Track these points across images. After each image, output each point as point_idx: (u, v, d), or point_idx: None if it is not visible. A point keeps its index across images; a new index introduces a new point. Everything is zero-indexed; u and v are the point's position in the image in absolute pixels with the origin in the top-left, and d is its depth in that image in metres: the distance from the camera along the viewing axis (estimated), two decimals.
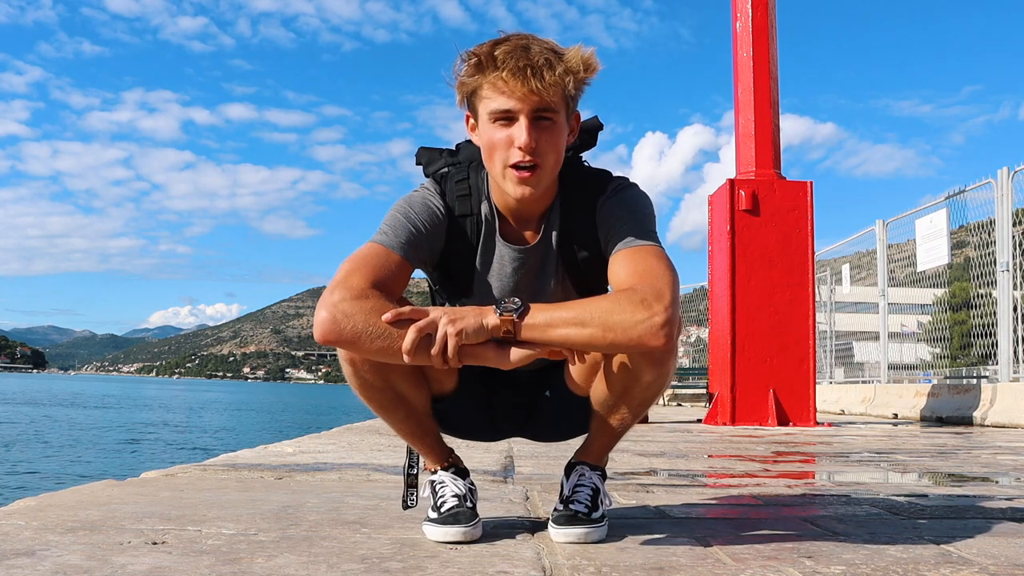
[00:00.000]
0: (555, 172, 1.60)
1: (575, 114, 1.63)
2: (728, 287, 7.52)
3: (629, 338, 1.42)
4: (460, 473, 1.76)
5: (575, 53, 1.52)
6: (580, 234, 1.66)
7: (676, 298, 1.47)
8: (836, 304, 14.03)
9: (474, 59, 1.52)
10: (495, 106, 1.52)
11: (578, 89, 1.56)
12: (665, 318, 1.42)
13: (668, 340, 1.43)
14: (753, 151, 7.75)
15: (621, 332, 1.42)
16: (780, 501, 2.39)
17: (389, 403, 1.66)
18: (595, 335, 1.42)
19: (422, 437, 1.76)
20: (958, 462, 3.88)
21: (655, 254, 1.55)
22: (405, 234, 1.59)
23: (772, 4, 7.94)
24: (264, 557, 1.45)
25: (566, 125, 1.58)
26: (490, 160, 1.57)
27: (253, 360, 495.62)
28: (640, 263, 1.53)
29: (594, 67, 1.55)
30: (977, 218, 9.41)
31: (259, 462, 3.22)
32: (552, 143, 1.54)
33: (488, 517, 1.88)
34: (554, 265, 1.68)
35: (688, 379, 15.51)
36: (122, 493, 2.25)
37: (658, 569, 1.40)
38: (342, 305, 1.43)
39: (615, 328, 1.42)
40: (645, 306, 1.43)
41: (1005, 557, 1.54)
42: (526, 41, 1.52)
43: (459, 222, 1.67)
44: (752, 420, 7.36)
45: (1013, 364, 8.44)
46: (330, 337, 1.43)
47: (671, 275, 1.50)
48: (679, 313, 1.48)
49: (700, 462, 3.68)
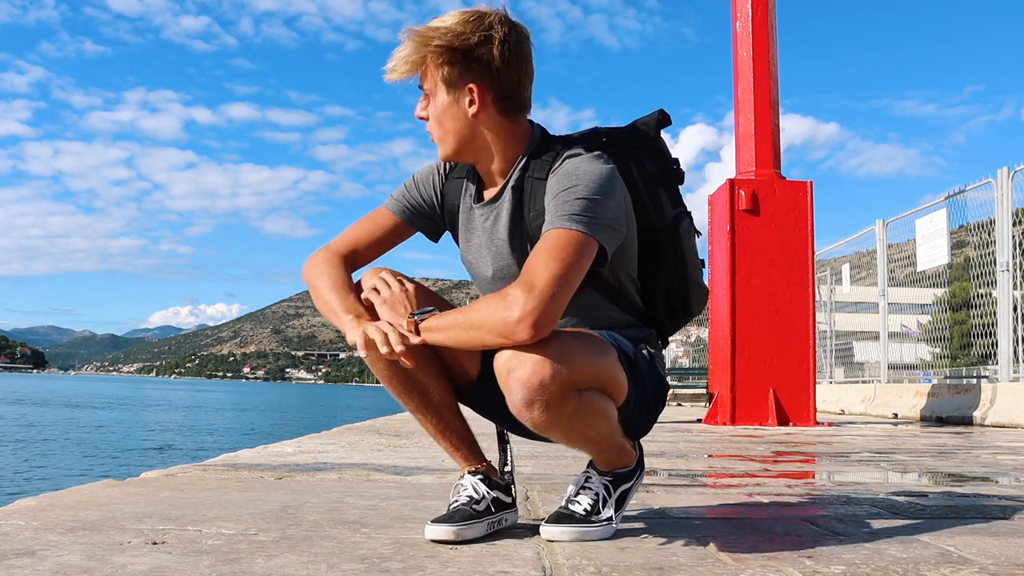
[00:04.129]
0: (457, 136, 1.66)
1: (472, 84, 1.61)
2: (728, 287, 7.52)
3: (493, 336, 1.43)
4: (489, 482, 1.74)
5: (434, 23, 1.61)
6: (531, 196, 1.66)
7: (552, 291, 1.41)
8: (836, 304, 14.03)
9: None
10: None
11: (444, 58, 1.60)
12: (523, 312, 1.39)
13: (533, 332, 1.39)
14: (753, 151, 7.75)
15: (487, 330, 1.44)
16: (780, 501, 2.38)
17: (402, 385, 1.69)
18: (470, 335, 1.47)
19: (445, 433, 1.76)
20: (958, 462, 3.88)
21: (556, 242, 1.48)
22: (402, 197, 1.81)
23: (772, 4, 7.94)
24: (264, 557, 1.45)
25: (448, 94, 1.63)
26: None
27: (253, 360, 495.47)
28: (534, 254, 1.49)
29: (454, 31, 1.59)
30: (977, 218, 9.42)
31: (259, 462, 3.22)
32: (432, 112, 1.66)
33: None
34: (507, 223, 1.68)
35: (688, 379, 15.50)
36: (122, 493, 2.25)
37: (658, 569, 1.40)
38: (313, 259, 1.74)
39: (482, 326, 1.44)
40: (508, 302, 1.42)
41: (1005, 557, 1.54)
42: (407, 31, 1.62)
43: (453, 183, 1.79)
44: (752, 420, 7.36)
45: (1013, 364, 8.44)
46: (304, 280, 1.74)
47: (558, 267, 1.44)
48: (553, 306, 1.41)
49: (700, 462, 3.68)
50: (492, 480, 1.75)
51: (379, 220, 1.79)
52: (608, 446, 1.66)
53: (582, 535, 1.63)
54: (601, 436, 1.61)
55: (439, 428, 1.76)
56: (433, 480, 2.72)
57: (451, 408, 1.75)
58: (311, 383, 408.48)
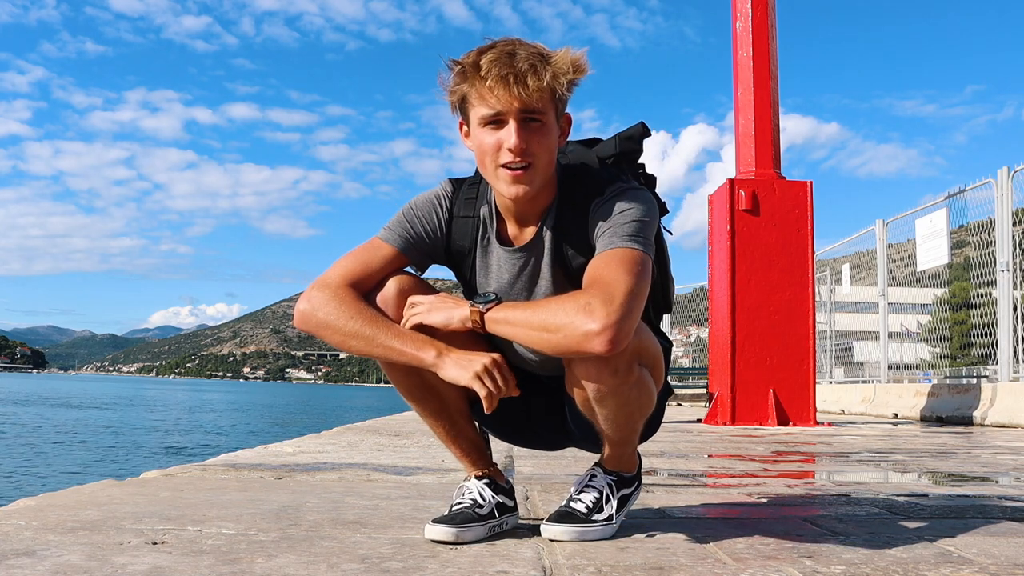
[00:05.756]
0: (548, 171, 1.60)
1: (565, 116, 1.62)
2: (728, 287, 7.52)
3: (569, 343, 1.43)
4: (495, 487, 1.75)
5: (563, 56, 1.53)
6: (574, 235, 1.64)
7: (630, 305, 1.43)
8: (836, 304, 14.03)
9: (459, 68, 1.54)
10: (484, 112, 1.53)
11: (567, 91, 1.56)
12: (604, 324, 1.40)
13: (611, 346, 1.41)
14: (753, 151, 7.75)
15: (563, 336, 1.43)
16: (780, 501, 2.39)
17: (416, 390, 1.69)
18: (541, 337, 1.45)
19: (456, 439, 1.76)
20: (958, 462, 3.88)
21: (624, 258, 1.51)
22: (401, 229, 1.69)
23: (772, 4, 7.94)
24: (264, 557, 1.45)
25: (556, 126, 1.58)
26: (483, 164, 1.60)
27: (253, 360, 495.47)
28: (604, 267, 1.50)
29: (583, 68, 1.55)
30: (977, 218, 9.42)
31: (259, 462, 3.22)
32: (543, 144, 1.55)
33: None
34: (549, 264, 1.67)
35: (688, 379, 15.50)
36: (122, 493, 2.25)
37: (658, 569, 1.40)
38: (315, 299, 1.60)
39: (557, 331, 1.43)
40: (588, 311, 1.41)
41: (1005, 557, 1.55)
42: (512, 47, 1.52)
43: (460, 223, 1.70)
44: (752, 420, 7.36)
45: (1013, 364, 8.44)
46: (299, 323, 1.62)
47: (632, 281, 1.46)
48: (631, 320, 1.43)
49: (700, 462, 3.68)
50: (498, 484, 1.76)
51: (376, 252, 1.67)
52: (632, 437, 1.71)
53: (582, 535, 1.64)
54: (642, 417, 1.66)
55: (451, 434, 1.76)
56: (433, 480, 2.72)
57: (464, 414, 1.76)
58: (311, 383, 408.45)
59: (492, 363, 1.50)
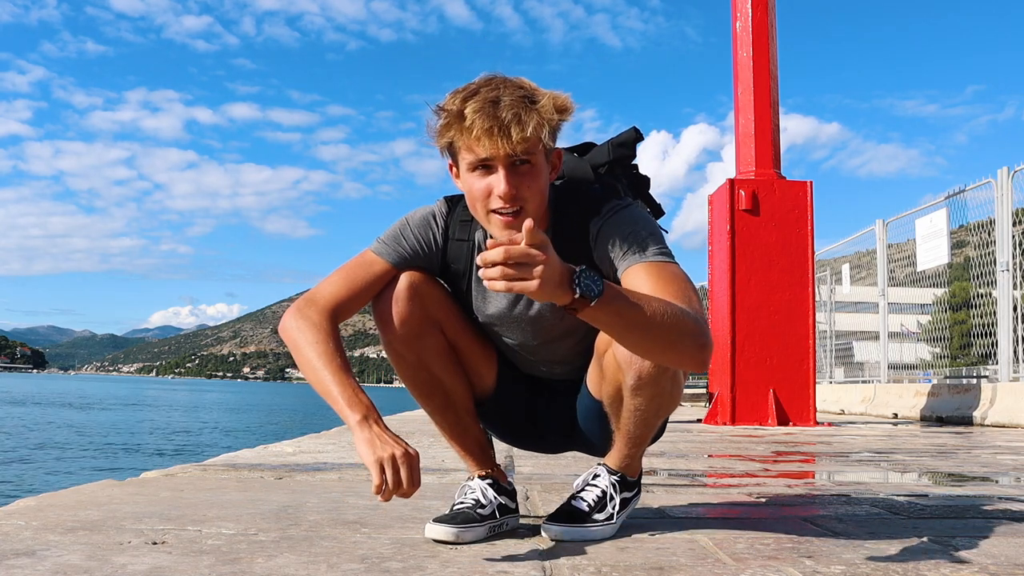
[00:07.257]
0: (540, 210, 1.58)
1: (555, 152, 1.61)
2: (728, 287, 7.52)
3: (674, 353, 1.42)
4: (497, 488, 1.75)
5: (547, 102, 1.50)
6: (572, 259, 1.64)
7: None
8: (836, 304, 14.03)
9: (445, 116, 1.52)
10: (471, 159, 1.52)
11: (551, 139, 1.55)
12: (711, 349, 1.43)
13: (704, 370, 1.47)
14: (753, 151, 7.75)
15: (677, 348, 1.39)
16: (780, 501, 2.38)
17: (425, 385, 1.69)
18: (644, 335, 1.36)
19: (461, 437, 1.77)
20: (958, 462, 3.88)
21: (685, 277, 1.54)
22: (396, 244, 1.68)
23: (772, 4, 7.93)
24: (264, 557, 1.45)
25: (545, 165, 1.57)
26: (473, 207, 1.58)
27: (253, 360, 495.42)
28: (675, 284, 1.50)
29: (568, 110, 1.54)
30: (977, 218, 9.41)
31: (259, 462, 3.22)
32: (533, 187, 1.53)
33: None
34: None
35: (688, 379, 15.51)
36: (122, 493, 2.25)
37: (658, 569, 1.40)
38: (296, 317, 1.59)
39: (667, 336, 1.36)
40: (702, 329, 1.42)
41: (1005, 557, 1.54)
42: (496, 92, 1.49)
43: (455, 245, 1.70)
44: (752, 420, 7.36)
45: (1013, 364, 8.44)
46: (279, 332, 1.64)
47: (699, 302, 1.50)
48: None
49: (700, 462, 3.68)
50: (500, 485, 1.76)
51: (371, 269, 1.65)
52: (648, 435, 1.71)
53: (583, 535, 1.64)
54: (667, 412, 1.68)
55: (455, 431, 1.77)
56: (433, 480, 2.72)
57: (469, 411, 1.76)
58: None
59: (403, 457, 1.41)
